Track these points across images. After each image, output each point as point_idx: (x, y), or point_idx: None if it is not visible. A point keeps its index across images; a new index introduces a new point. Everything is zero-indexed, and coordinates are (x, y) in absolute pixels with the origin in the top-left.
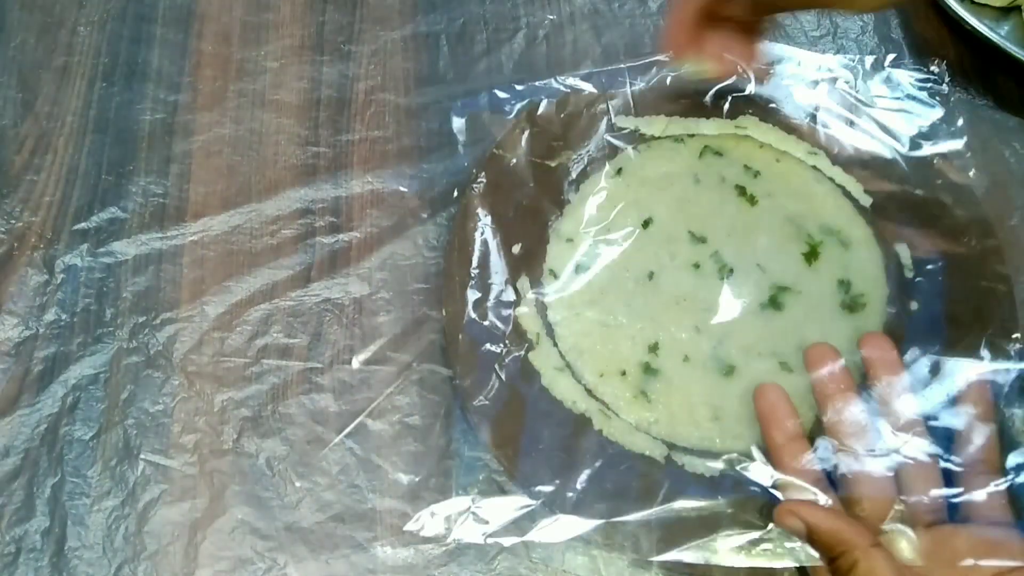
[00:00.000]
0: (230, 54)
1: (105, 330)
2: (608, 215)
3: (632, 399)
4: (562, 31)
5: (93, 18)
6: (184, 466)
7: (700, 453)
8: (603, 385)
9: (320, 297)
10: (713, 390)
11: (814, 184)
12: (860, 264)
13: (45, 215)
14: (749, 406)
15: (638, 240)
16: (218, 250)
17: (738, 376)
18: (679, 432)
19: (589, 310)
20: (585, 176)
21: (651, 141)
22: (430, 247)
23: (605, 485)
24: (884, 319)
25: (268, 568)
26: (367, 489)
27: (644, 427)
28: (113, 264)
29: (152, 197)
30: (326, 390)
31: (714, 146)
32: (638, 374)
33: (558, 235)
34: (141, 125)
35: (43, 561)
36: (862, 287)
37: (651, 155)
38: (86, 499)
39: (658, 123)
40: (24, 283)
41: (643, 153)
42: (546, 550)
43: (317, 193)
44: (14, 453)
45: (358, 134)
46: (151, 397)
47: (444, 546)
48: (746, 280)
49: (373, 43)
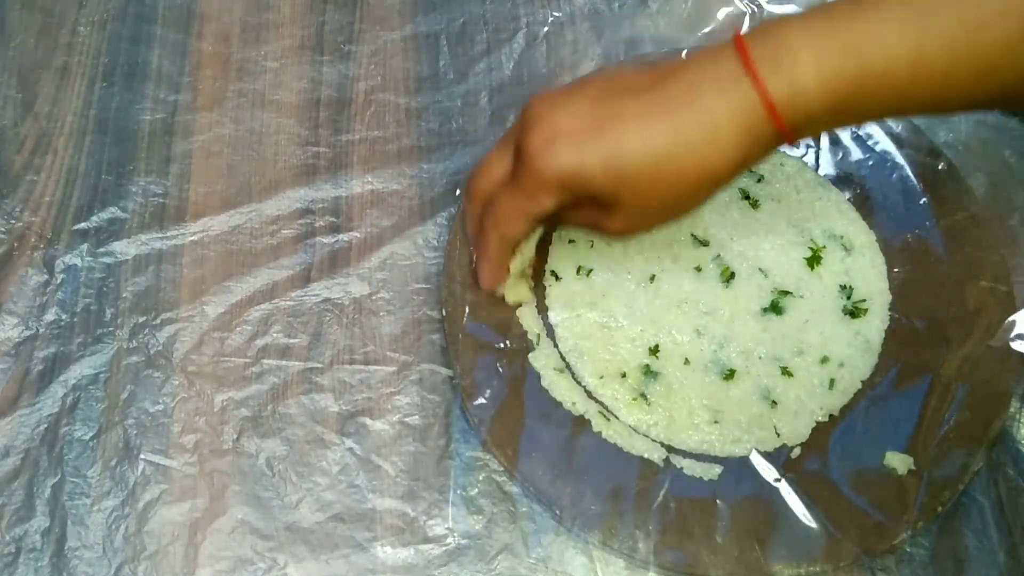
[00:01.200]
0: (230, 54)
1: (105, 330)
2: None
3: (632, 401)
4: (562, 31)
5: (93, 18)
6: (184, 466)
7: (699, 456)
8: (603, 387)
9: (320, 297)
10: (713, 394)
11: (818, 188)
12: (863, 269)
13: (45, 215)
14: (749, 410)
15: (640, 242)
16: (218, 250)
17: (738, 380)
18: (678, 435)
19: (590, 312)
20: None
21: None
22: (430, 247)
23: (604, 486)
24: (886, 325)
25: (268, 568)
26: (367, 489)
27: (643, 429)
28: (113, 264)
29: (152, 197)
30: (326, 390)
31: None
32: (638, 376)
33: (560, 236)
34: (141, 125)
35: (43, 561)
36: (864, 292)
37: None
38: (86, 499)
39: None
40: (24, 283)
41: None
42: (545, 550)
43: (317, 193)
44: (14, 453)
45: (358, 134)
46: (151, 397)
47: (444, 546)
48: (748, 284)
49: (373, 43)
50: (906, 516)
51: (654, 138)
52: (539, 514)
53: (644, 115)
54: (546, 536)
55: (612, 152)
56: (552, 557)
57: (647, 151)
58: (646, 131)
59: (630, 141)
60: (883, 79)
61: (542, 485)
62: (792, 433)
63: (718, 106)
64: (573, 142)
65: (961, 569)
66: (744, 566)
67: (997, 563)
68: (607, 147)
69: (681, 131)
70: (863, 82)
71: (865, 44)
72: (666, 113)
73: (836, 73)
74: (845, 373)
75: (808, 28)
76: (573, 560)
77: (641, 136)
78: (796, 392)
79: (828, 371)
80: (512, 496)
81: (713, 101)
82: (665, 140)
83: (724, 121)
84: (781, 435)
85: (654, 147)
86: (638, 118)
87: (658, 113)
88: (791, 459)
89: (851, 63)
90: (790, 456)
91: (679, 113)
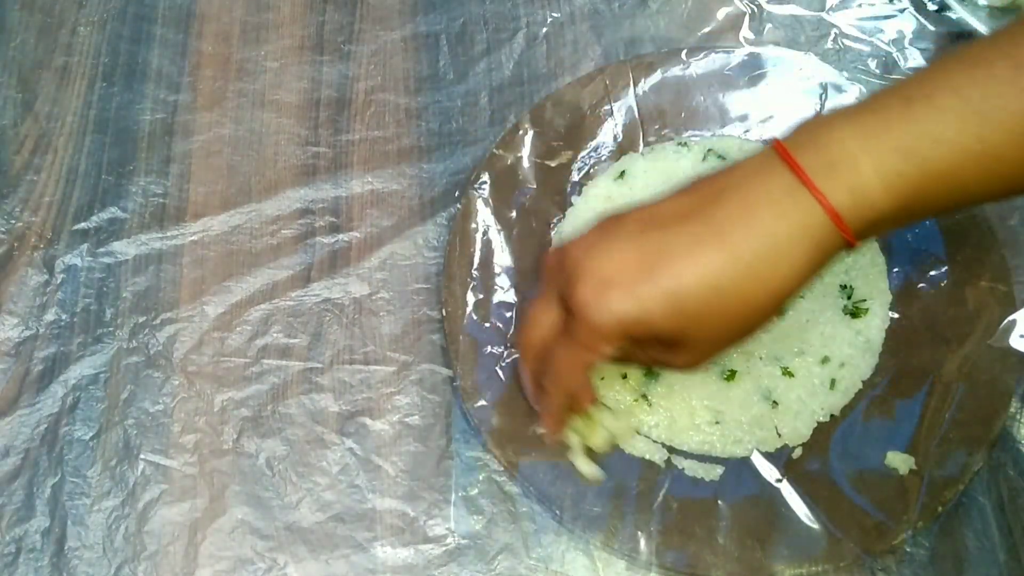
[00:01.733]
0: (230, 54)
1: (105, 330)
2: None
3: (633, 402)
4: (562, 31)
5: (93, 18)
6: (184, 466)
7: (700, 457)
8: (604, 388)
9: (320, 297)
10: (714, 394)
11: None
12: (863, 269)
13: (45, 215)
14: (750, 411)
15: None
16: (218, 250)
17: (739, 380)
18: (679, 436)
19: None
20: (588, 179)
21: (653, 145)
22: (430, 247)
23: (605, 487)
24: (887, 325)
25: (268, 568)
26: (367, 489)
27: (645, 431)
28: (113, 264)
29: (152, 197)
30: (326, 390)
31: (717, 149)
32: (639, 377)
33: (560, 237)
34: (141, 125)
35: (43, 561)
36: (864, 292)
37: (654, 159)
38: (86, 499)
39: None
40: (24, 283)
41: (646, 156)
42: (546, 550)
43: (317, 193)
44: (14, 453)
45: (358, 134)
46: (151, 397)
47: (444, 546)
48: None
49: (373, 43)
50: (907, 516)
51: (712, 269)
52: (539, 514)
53: (696, 246)
54: (546, 536)
55: (670, 291)
56: (552, 557)
57: (707, 284)
58: (702, 263)
59: (687, 277)
60: (947, 177)
61: (543, 486)
62: (793, 433)
63: (777, 224)
64: (627, 288)
65: (961, 569)
66: (745, 566)
67: (997, 563)
68: (663, 287)
69: (741, 257)
70: (926, 183)
71: (925, 144)
72: (720, 240)
73: (898, 177)
74: (846, 373)
75: (860, 130)
76: (574, 561)
77: (698, 269)
78: (797, 392)
79: (829, 371)
80: (512, 496)
81: (770, 220)
82: (725, 269)
83: (786, 239)
84: (782, 435)
85: (714, 278)
86: (690, 250)
87: (712, 241)
88: (792, 459)
89: (913, 165)
90: (791, 456)
91: (734, 238)
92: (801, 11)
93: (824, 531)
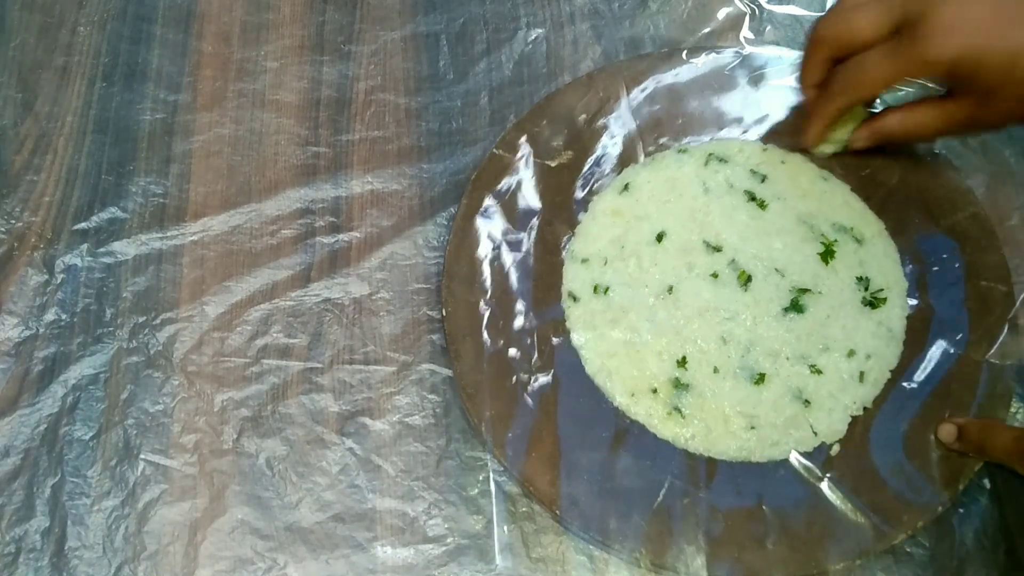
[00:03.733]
0: (230, 54)
1: (105, 330)
2: (620, 232)
3: (666, 416)
4: (562, 31)
5: (93, 18)
6: (184, 466)
7: (740, 464)
8: (635, 405)
9: (320, 297)
10: (746, 399)
11: (821, 182)
12: (876, 259)
13: (45, 215)
14: (784, 412)
15: (654, 255)
16: (218, 250)
17: (769, 383)
18: (717, 445)
19: (613, 330)
20: (592, 194)
21: (654, 155)
22: (430, 247)
23: (649, 503)
24: (907, 312)
25: (268, 568)
26: (367, 489)
27: (681, 444)
28: (113, 264)
29: (152, 197)
30: (326, 390)
31: (718, 153)
32: (669, 390)
33: (572, 256)
34: (141, 125)
35: (43, 561)
36: (881, 282)
37: (656, 168)
38: (86, 499)
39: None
40: (24, 283)
41: (648, 166)
42: (545, 550)
43: (317, 193)
44: (14, 453)
45: (358, 134)
46: (151, 397)
47: (444, 546)
48: (766, 285)
49: (373, 43)
50: (949, 493)
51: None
52: (539, 514)
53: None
54: (546, 536)
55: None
56: (552, 557)
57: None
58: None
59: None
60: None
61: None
62: (829, 430)
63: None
64: (981, 33)
65: (961, 569)
66: (797, 567)
67: (997, 563)
68: (1012, 43)
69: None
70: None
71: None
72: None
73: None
74: (873, 364)
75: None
76: (573, 560)
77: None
78: (827, 388)
79: (856, 364)
80: (512, 496)
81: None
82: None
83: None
84: (818, 433)
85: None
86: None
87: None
88: (831, 456)
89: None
90: (830, 454)
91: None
92: (801, 11)
93: (869, 523)
